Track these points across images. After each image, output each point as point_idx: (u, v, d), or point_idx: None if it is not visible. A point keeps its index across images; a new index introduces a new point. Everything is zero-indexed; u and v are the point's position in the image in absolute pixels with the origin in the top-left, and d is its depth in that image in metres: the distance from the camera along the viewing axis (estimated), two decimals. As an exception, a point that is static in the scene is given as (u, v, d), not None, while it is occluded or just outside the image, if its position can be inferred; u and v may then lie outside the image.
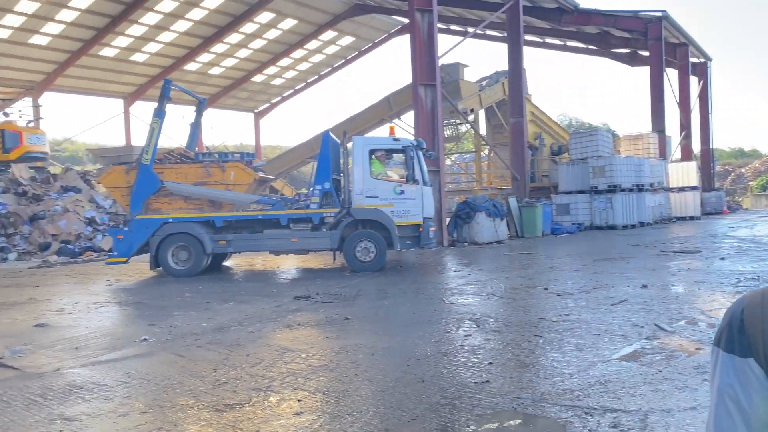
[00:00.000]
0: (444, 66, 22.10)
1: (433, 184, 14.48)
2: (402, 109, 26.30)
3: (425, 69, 17.35)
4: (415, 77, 17.56)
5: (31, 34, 28.14)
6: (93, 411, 4.48)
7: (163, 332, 7.08)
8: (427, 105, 17.35)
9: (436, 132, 17.35)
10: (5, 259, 16.95)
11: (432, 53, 17.40)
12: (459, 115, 23.64)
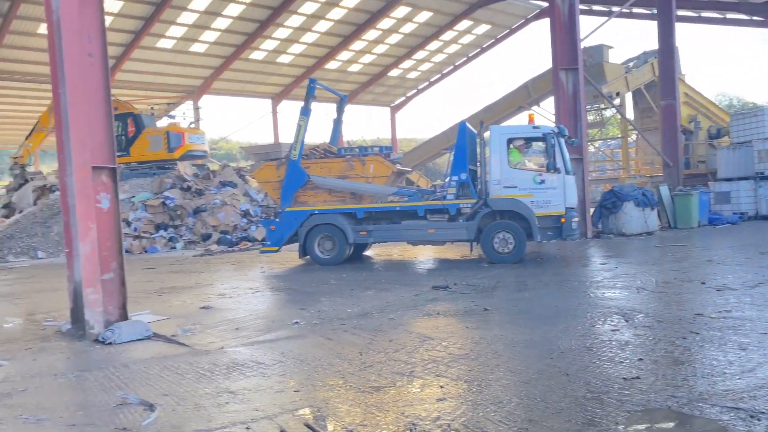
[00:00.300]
0: (586, 48, 21.08)
1: (576, 173, 13.92)
2: (541, 95, 25.51)
3: (566, 53, 16.67)
4: (555, 62, 16.94)
5: (191, 43, 30.86)
6: (253, 386, 4.89)
7: (312, 316, 7.52)
8: (569, 90, 16.68)
9: (579, 118, 16.63)
10: (174, 248, 18.84)
11: (573, 36, 16.68)
12: (603, 99, 22.45)
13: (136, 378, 5.26)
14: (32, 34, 26.75)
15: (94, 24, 6.95)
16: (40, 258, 17.88)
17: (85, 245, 6.70)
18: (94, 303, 6.74)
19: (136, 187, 21.74)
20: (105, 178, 6.99)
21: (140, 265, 14.39)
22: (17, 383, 5.25)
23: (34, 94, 31.27)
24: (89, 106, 6.83)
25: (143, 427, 4.11)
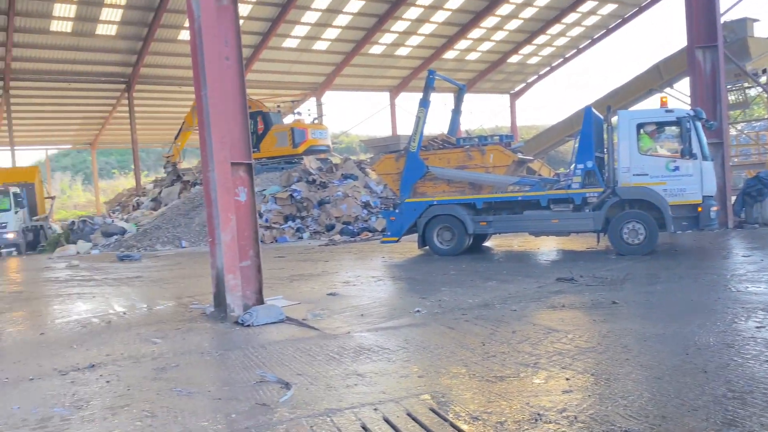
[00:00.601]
0: (727, 23, 19.44)
1: (715, 158, 12.94)
2: (674, 76, 23.86)
3: (703, 29, 15.47)
4: (690, 39, 15.78)
5: (314, 41, 32.07)
6: (379, 370, 5.09)
7: (433, 305, 7.64)
8: (706, 69, 15.47)
9: (718, 99, 15.39)
10: (301, 238, 19.82)
11: (712, 10, 15.44)
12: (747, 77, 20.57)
13: (272, 358, 5.66)
14: (173, 41, 29.09)
15: (231, 29, 7.49)
16: (183, 247, 19.53)
17: (226, 235, 7.27)
18: (234, 288, 7.31)
19: (267, 181, 23.07)
20: (242, 173, 7.53)
21: (271, 253, 15.30)
22: (170, 359, 5.84)
23: (175, 96, 34.02)
24: (227, 107, 7.38)
25: (280, 403, 4.42)
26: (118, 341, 6.73)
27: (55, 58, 28.29)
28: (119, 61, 29.95)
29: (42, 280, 13.28)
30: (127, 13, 26.46)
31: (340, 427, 3.90)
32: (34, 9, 24.74)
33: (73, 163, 53.97)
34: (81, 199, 47.50)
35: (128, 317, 8.17)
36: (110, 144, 43.37)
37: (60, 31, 26.46)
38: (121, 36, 27.94)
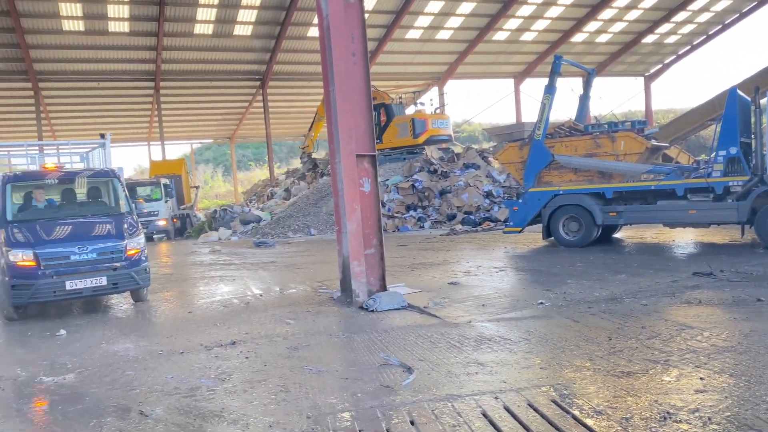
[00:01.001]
0: None
1: None
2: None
3: None
4: None
5: (437, 31, 32.08)
6: (500, 360, 5.12)
7: (558, 298, 7.49)
8: None
9: None
10: (422, 227, 20.06)
11: None
12: None
13: (395, 343, 5.86)
14: (303, 38, 30.39)
15: (357, 25, 7.76)
16: (312, 234, 20.50)
17: (352, 223, 7.59)
18: (359, 274, 7.63)
19: (389, 171, 23.55)
20: (366, 165, 7.82)
21: (394, 242, 15.66)
22: (302, 339, 6.24)
23: (305, 91, 35.56)
24: (353, 102, 7.68)
25: (403, 386, 4.60)
26: (255, 321, 7.29)
27: (198, 59, 30.61)
28: (254, 59, 31.81)
29: (189, 264, 14.58)
30: (261, 14, 28.02)
31: (461, 413, 4.00)
32: (180, 14, 26.93)
33: (214, 156, 58.25)
34: (222, 189, 51.25)
35: (264, 299, 8.79)
36: (247, 138, 46.24)
37: (202, 34, 28.59)
38: (255, 35, 29.65)
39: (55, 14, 25.27)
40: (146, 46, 28.70)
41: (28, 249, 7.79)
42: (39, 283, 7.69)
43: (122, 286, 8.24)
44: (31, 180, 9.25)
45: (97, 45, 27.82)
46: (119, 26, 26.93)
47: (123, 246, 8.21)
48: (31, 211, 8.81)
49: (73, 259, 7.85)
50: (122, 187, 9.38)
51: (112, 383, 5.15)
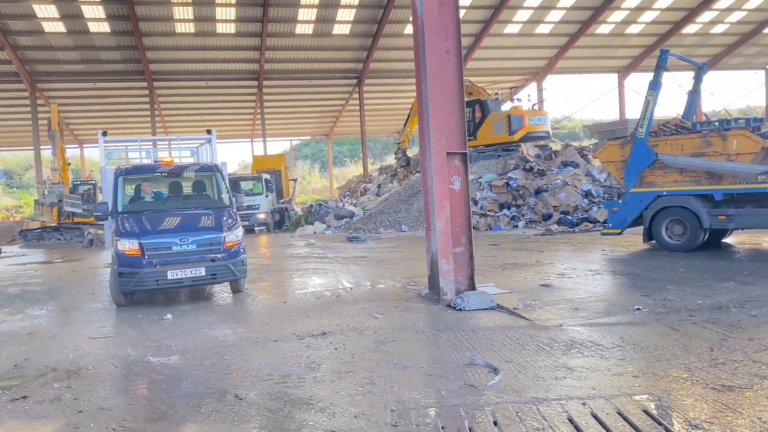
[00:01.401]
0: None
1: None
2: None
3: None
4: None
5: (537, 25, 31.30)
6: (590, 366, 4.97)
7: (656, 304, 7.14)
8: None
9: None
10: (515, 226, 19.68)
11: None
12: None
13: (481, 343, 5.83)
14: (400, 35, 30.63)
15: (451, 23, 7.75)
16: (403, 231, 20.67)
17: (441, 221, 7.61)
18: (447, 272, 7.63)
19: (483, 168, 23.27)
20: (457, 162, 7.80)
21: (485, 241, 15.49)
22: (389, 334, 6.34)
23: (399, 89, 35.86)
24: (445, 99, 7.68)
25: (488, 386, 4.58)
26: (345, 313, 7.48)
27: (298, 58, 31.64)
28: (351, 57, 32.45)
29: (285, 256, 15.15)
30: (359, 12, 28.52)
31: (546, 417, 3.93)
32: (282, 15, 27.95)
33: (312, 152, 60.02)
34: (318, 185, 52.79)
35: (354, 293, 8.99)
36: (343, 135, 47.29)
37: (303, 34, 29.51)
38: (353, 34, 30.23)
39: (169, 17, 26.98)
40: (251, 46, 30.01)
41: (134, 239, 8.17)
42: (143, 272, 8.05)
43: (220, 277, 8.46)
44: (141, 173, 9.68)
45: (205, 46, 29.43)
46: (226, 28, 28.34)
47: (221, 238, 8.44)
48: (140, 202, 9.28)
49: (175, 250, 8.18)
50: (224, 181, 9.70)
51: (211, 366, 5.48)
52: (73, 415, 4.41)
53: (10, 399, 4.83)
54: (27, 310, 8.91)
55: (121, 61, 29.84)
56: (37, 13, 25.69)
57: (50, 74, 30.29)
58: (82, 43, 28.05)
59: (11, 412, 4.55)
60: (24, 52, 28.26)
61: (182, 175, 9.81)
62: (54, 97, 31.36)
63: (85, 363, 5.80)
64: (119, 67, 30.32)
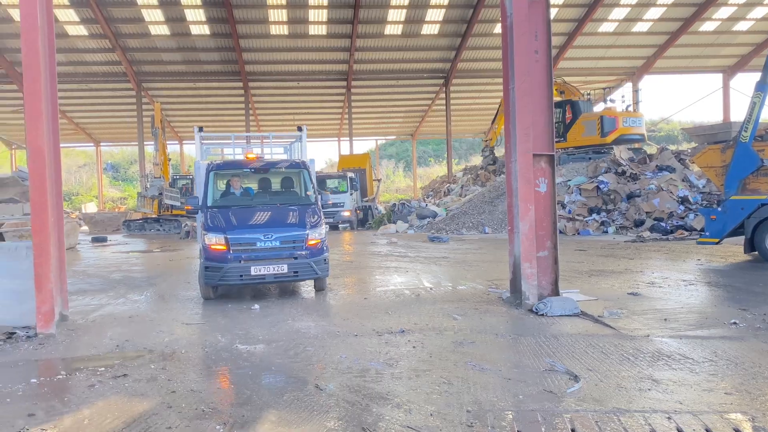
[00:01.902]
0: None
1: None
2: None
3: None
4: None
5: (634, 23, 30.04)
6: (678, 379, 4.75)
7: (755, 319, 6.71)
8: None
9: None
10: (605, 232, 18.99)
11: None
12: None
13: (562, 349, 5.71)
14: (489, 35, 30.31)
15: (541, 23, 7.61)
16: (486, 232, 20.45)
17: (525, 224, 7.49)
18: (530, 277, 7.51)
19: (572, 171, 22.62)
20: (543, 164, 7.65)
21: (572, 246, 15.06)
22: (467, 335, 6.33)
23: (487, 88, 35.46)
24: (533, 100, 7.56)
25: (568, 393, 4.49)
26: (424, 313, 7.53)
27: (387, 58, 31.99)
28: (439, 57, 32.43)
29: (368, 253, 15.39)
30: (449, 12, 28.46)
31: (627, 428, 3.82)
32: (372, 16, 28.35)
33: (396, 151, 60.45)
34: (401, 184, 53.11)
35: (434, 293, 9.02)
36: (428, 134, 47.34)
37: (392, 34, 29.79)
38: (442, 34, 30.20)
39: (264, 20, 28.03)
40: (340, 47, 30.65)
41: (220, 233, 8.23)
42: (227, 267, 8.10)
43: (302, 275, 8.45)
44: (231, 169, 9.86)
45: (297, 47, 30.35)
46: (318, 29, 29.09)
47: (304, 236, 8.42)
48: (229, 197, 9.44)
49: (258, 246, 8.20)
50: (311, 178, 9.70)
51: (294, 356, 5.69)
52: (167, 395, 4.72)
53: (113, 376, 5.23)
54: (128, 294, 9.57)
55: (219, 62, 31.30)
56: (145, 17, 27.42)
57: (154, 74, 32.25)
58: (184, 45, 29.68)
59: (113, 388, 4.93)
60: (132, 53, 30.24)
61: (270, 171, 9.91)
62: (157, 96, 33.39)
63: (179, 347, 6.18)
64: (217, 68, 31.82)
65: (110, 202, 47.18)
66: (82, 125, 39.83)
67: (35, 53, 6.75)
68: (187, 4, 26.63)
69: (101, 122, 39.84)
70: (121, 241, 22.37)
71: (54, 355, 6.04)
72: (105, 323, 7.43)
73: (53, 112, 7.32)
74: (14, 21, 26.88)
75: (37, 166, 6.79)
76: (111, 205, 45.49)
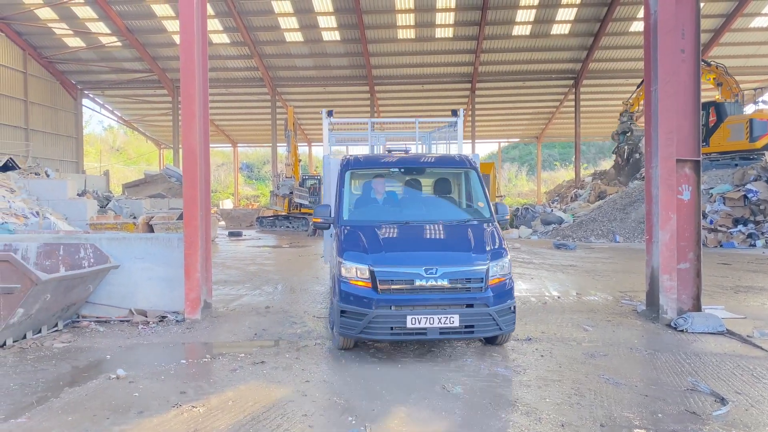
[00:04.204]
0: None
1: None
2: None
3: None
4: None
5: (793, 16, 27.23)
6: None
7: None
8: None
9: None
10: (753, 245, 17.37)
11: None
12: None
13: (706, 369, 5.31)
14: (624, 34, 28.83)
15: (689, 19, 7.13)
16: (617, 241, 19.44)
17: (665, 233, 7.05)
18: (669, 289, 7.06)
19: (716, 178, 20.92)
20: (688, 171, 7.16)
21: (714, 259, 13.94)
22: (599, 348, 6.07)
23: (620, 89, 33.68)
24: (678, 101, 7.10)
25: (713, 416, 4.18)
26: (552, 321, 7.32)
27: (513, 59, 31.41)
28: (569, 57, 31.32)
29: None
30: (581, 11, 27.42)
31: (785, 461, 3.49)
32: (500, 17, 27.97)
33: (520, 154, 59.12)
34: (524, 188, 51.84)
35: (561, 302, 8.73)
36: (554, 137, 45.86)
37: (520, 35, 29.22)
38: (573, 33, 29.15)
39: (392, 24, 28.58)
40: (466, 49, 30.54)
41: (362, 263, 5.69)
42: (374, 314, 5.50)
43: (478, 331, 5.60)
44: (374, 167, 7.25)
45: (423, 51, 30.64)
46: (444, 32, 29.19)
47: (484, 271, 5.67)
48: (371, 208, 6.85)
49: (417, 285, 5.57)
50: (481, 182, 6.94)
51: (420, 356, 5.77)
52: (302, 384, 4.96)
53: (252, 362, 5.59)
54: (263, 287, 10.17)
55: (348, 67, 32.35)
56: (281, 24, 28.96)
57: (288, 79, 33.97)
58: (316, 51, 30.99)
59: (252, 374, 5.27)
60: (268, 59, 32.05)
61: (426, 171, 7.26)
62: (289, 100, 35.13)
63: (311, 339, 6.48)
64: (346, 73, 32.91)
65: (244, 199, 50.31)
66: (221, 127, 42.81)
67: (191, 61, 7.37)
68: (320, 11, 27.79)
69: (239, 124, 42.62)
70: (255, 236, 23.78)
71: (199, 339, 6.56)
72: (243, 312, 7.95)
73: (204, 114, 7.95)
74: (167, 31, 29.48)
75: (190, 163, 7.41)
76: (245, 202, 48.50)
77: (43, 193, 18.76)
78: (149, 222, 17.30)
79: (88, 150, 44.94)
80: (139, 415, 4.29)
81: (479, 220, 6.55)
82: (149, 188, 28.82)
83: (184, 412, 4.36)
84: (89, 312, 7.32)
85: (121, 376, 5.15)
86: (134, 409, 4.40)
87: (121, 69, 33.25)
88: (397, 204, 7.01)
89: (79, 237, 7.79)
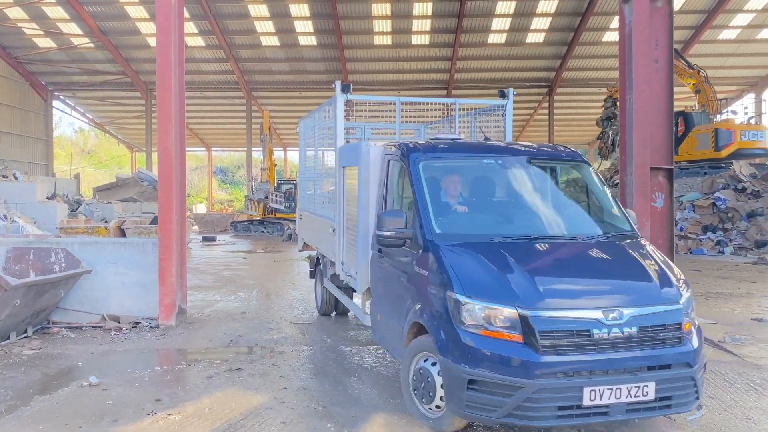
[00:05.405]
0: None
1: None
2: None
3: None
4: None
5: (758, 30, 28.04)
6: (816, 416, 4.37)
7: None
8: None
9: None
10: (721, 252, 17.75)
11: None
12: None
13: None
14: (596, 43, 29.33)
15: (662, 30, 7.30)
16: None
17: (639, 240, 7.15)
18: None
19: (685, 186, 21.36)
20: (661, 179, 7.31)
21: (685, 265, 14.19)
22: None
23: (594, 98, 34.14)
24: (652, 111, 7.24)
25: (688, 421, 4.25)
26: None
27: (488, 67, 31.69)
28: (544, 66, 31.72)
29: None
30: (555, 20, 27.79)
31: (759, 464, 3.55)
32: (476, 26, 28.22)
33: (494, 161, 59.53)
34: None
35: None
36: (528, 145, 46.23)
37: (495, 43, 29.51)
38: (547, 42, 29.52)
39: (369, 30, 28.64)
40: (443, 56, 30.73)
41: (506, 302, 3.77)
42: (536, 386, 3.59)
43: (677, 404, 3.82)
44: (459, 157, 5.29)
45: (399, 57, 30.74)
46: (421, 39, 29.33)
47: (680, 312, 3.95)
48: (470, 217, 4.80)
49: (597, 337, 3.72)
50: (601, 180, 5.21)
51: (392, 361, 5.75)
52: (279, 391, 4.91)
53: (228, 369, 5.52)
54: (238, 292, 10.06)
55: (324, 72, 32.29)
56: (257, 28, 28.80)
57: (264, 83, 33.77)
58: (292, 55, 30.87)
59: (229, 380, 5.20)
60: (244, 63, 31.83)
61: (533, 164, 5.17)
62: (265, 104, 34.93)
63: (288, 345, 6.42)
64: (322, 78, 32.83)
65: (218, 203, 49.83)
66: (195, 130, 42.35)
67: (168, 64, 7.29)
68: (296, 15, 27.71)
69: (213, 128, 42.20)
70: (229, 240, 23.54)
71: (174, 345, 6.46)
72: (219, 318, 7.85)
73: (181, 117, 7.86)
74: (140, 33, 29.10)
75: (165, 166, 7.31)
76: (219, 207, 48.03)
77: (11, 196, 18.29)
78: (121, 226, 16.99)
79: (58, 152, 44.09)
80: (113, 424, 4.20)
81: (624, 235, 4.66)
82: (121, 192, 28.35)
83: (159, 419, 4.28)
84: (60, 318, 7.16)
85: (94, 383, 5.04)
86: (108, 417, 4.31)
87: (93, 71, 32.68)
88: (500, 211, 4.95)
89: (50, 241, 7.62)
